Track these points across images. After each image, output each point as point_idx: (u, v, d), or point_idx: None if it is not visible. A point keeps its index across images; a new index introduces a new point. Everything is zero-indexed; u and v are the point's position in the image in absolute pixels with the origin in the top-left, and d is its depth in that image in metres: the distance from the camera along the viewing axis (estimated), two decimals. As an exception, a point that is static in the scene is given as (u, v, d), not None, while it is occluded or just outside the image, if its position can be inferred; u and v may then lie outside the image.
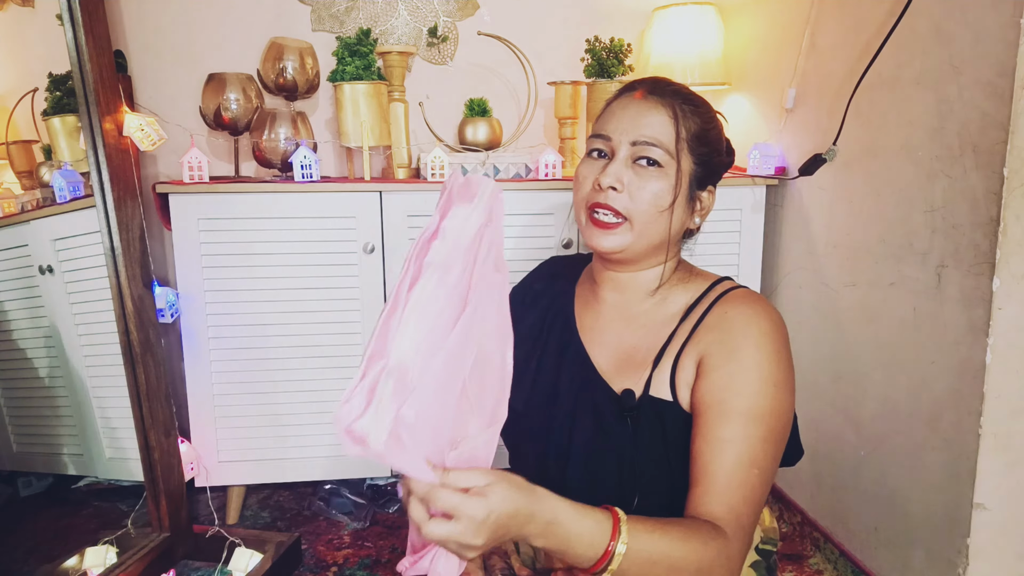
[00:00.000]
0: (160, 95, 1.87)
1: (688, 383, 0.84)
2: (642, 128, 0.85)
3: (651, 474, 0.84)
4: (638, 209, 0.85)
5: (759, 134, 1.76)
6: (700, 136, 0.87)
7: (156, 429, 1.41)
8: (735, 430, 0.78)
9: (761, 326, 0.82)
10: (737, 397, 0.79)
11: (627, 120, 0.86)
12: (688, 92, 0.89)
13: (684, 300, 0.90)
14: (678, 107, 0.86)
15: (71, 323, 1.52)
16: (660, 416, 0.83)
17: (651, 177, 0.85)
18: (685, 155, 0.86)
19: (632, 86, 0.90)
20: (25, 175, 1.51)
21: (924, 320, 1.26)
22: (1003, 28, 1.07)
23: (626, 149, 0.85)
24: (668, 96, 0.86)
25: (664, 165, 0.85)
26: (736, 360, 0.80)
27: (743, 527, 0.77)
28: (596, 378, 0.90)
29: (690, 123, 0.86)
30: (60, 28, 1.25)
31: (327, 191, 1.60)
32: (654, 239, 0.87)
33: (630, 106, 0.87)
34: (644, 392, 0.85)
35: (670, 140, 0.85)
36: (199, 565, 1.56)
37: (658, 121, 0.85)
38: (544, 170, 1.67)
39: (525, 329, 1.01)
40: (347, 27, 1.94)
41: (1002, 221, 1.08)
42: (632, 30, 1.97)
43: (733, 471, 0.77)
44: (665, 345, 0.87)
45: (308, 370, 1.67)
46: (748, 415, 0.78)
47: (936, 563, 1.24)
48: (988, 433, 1.13)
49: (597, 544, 0.69)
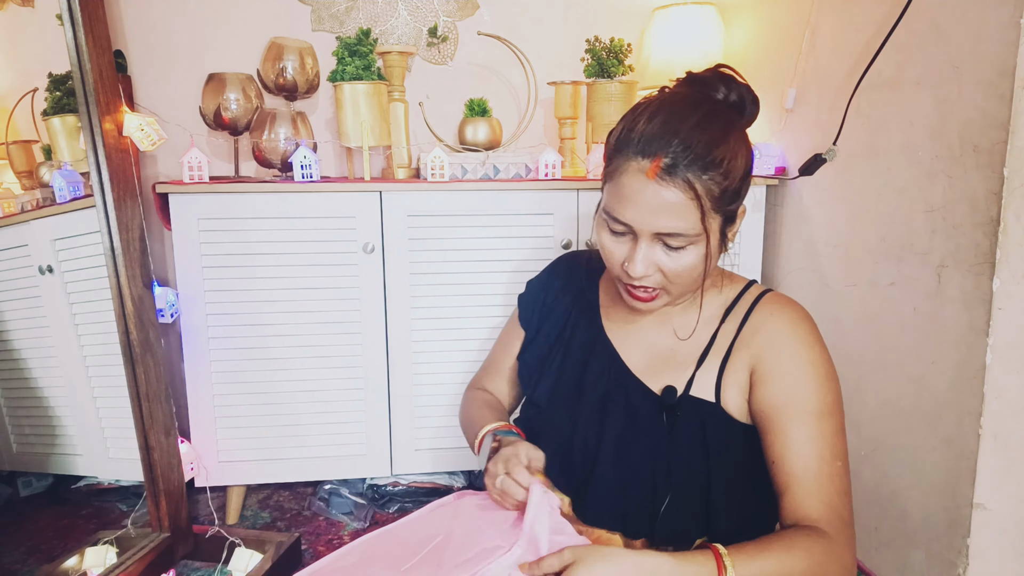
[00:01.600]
0: (160, 95, 1.87)
1: (739, 387, 0.85)
2: (663, 219, 0.78)
3: (685, 473, 0.84)
4: (674, 283, 0.83)
5: (759, 134, 1.76)
6: (724, 194, 0.80)
7: (156, 429, 1.41)
8: (811, 429, 0.79)
9: (806, 326, 0.85)
10: (804, 398, 0.81)
11: (645, 209, 0.79)
12: (706, 143, 0.78)
13: (720, 302, 0.91)
14: (698, 180, 0.77)
15: (71, 323, 1.52)
16: (700, 416, 0.84)
17: (681, 255, 0.81)
18: (713, 219, 0.80)
19: (640, 148, 0.79)
20: (25, 175, 1.51)
21: (924, 320, 1.26)
22: (1003, 28, 1.07)
23: (649, 235, 0.80)
24: (685, 170, 0.77)
25: (694, 241, 0.80)
26: (794, 363, 0.82)
27: (844, 520, 0.78)
28: (628, 375, 0.90)
29: (713, 188, 0.78)
30: (60, 28, 1.25)
31: (327, 191, 1.60)
32: (693, 287, 0.86)
33: (645, 190, 0.78)
34: (685, 391, 0.86)
35: (695, 222, 0.78)
36: (199, 565, 1.56)
37: (677, 209, 0.78)
38: (544, 170, 1.67)
39: (549, 326, 1.02)
40: (347, 27, 1.94)
41: (1002, 221, 1.08)
42: (632, 30, 1.97)
43: (820, 468, 0.78)
44: (708, 346, 0.87)
45: (308, 370, 1.67)
46: (819, 412, 0.80)
47: (936, 563, 1.24)
48: (988, 433, 1.13)
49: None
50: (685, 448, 0.84)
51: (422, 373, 1.70)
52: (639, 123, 0.81)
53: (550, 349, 1.00)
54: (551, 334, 1.01)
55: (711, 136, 0.78)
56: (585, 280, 1.03)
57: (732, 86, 0.85)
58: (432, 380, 1.71)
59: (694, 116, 0.79)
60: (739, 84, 0.85)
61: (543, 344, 1.02)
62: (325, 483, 1.85)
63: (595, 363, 0.94)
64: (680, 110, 0.80)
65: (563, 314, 1.01)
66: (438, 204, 1.63)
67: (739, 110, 0.85)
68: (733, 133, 0.81)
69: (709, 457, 0.83)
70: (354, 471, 1.75)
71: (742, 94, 0.85)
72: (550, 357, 0.99)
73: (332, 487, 1.84)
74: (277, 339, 1.65)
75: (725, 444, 0.83)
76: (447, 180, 1.64)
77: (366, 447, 1.72)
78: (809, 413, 0.80)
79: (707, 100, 0.83)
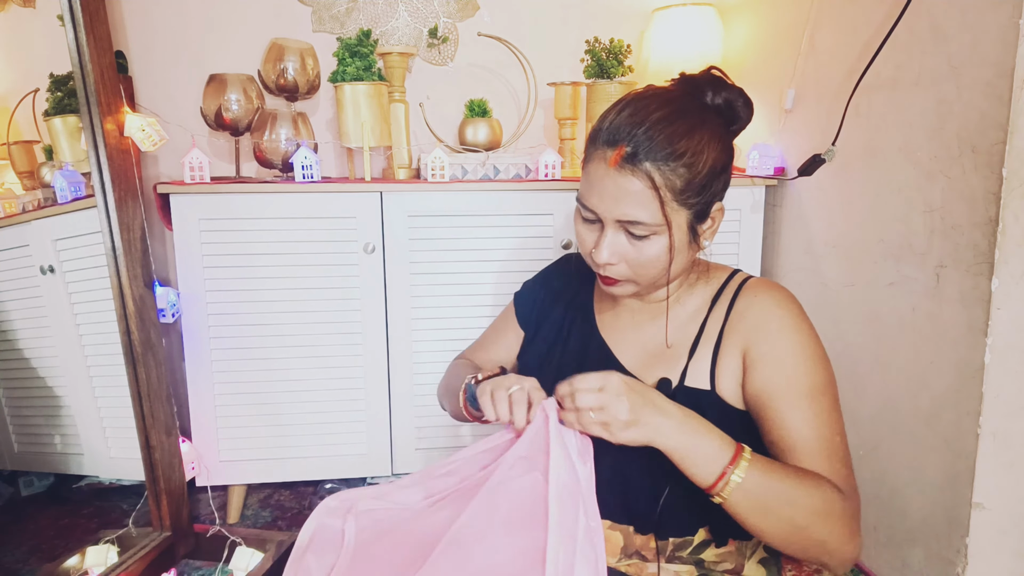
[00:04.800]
0: (161, 96, 1.88)
1: (732, 373, 0.86)
2: (622, 207, 0.81)
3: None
4: (638, 272, 0.86)
5: (758, 135, 1.77)
6: (688, 188, 0.81)
7: (157, 428, 1.41)
8: (807, 409, 0.81)
9: (791, 308, 0.86)
10: (796, 379, 0.82)
11: (607, 196, 0.81)
12: (668, 135, 0.79)
13: (706, 293, 0.92)
14: (657, 171, 0.79)
15: (72, 323, 1.53)
16: (697, 405, 0.85)
17: (645, 244, 0.83)
18: (677, 212, 0.82)
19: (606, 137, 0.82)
20: (26, 175, 1.51)
21: (923, 320, 1.26)
22: (1002, 29, 1.07)
23: (613, 223, 0.83)
24: (645, 159, 0.79)
25: (656, 231, 0.82)
26: (782, 346, 0.83)
27: (851, 486, 0.80)
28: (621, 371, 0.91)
29: (674, 180, 0.80)
30: (61, 28, 1.25)
31: (328, 191, 1.60)
32: (661, 280, 0.88)
33: (606, 178, 0.81)
34: (680, 382, 0.87)
35: (655, 212, 0.80)
36: (200, 564, 1.57)
37: (637, 197, 0.80)
38: (544, 171, 1.67)
39: (547, 326, 1.03)
40: (348, 28, 1.94)
41: (1001, 221, 1.08)
42: (632, 31, 1.97)
43: (822, 445, 0.80)
44: (698, 336, 0.89)
45: (309, 369, 1.67)
46: (812, 392, 0.81)
47: (935, 562, 1.25)
48: (987, 433, 1.14)
49: (715, 465, 0.75)
50: None
51: (422, 372, 1.71)
52: (610, 114, 0.83)
53: (548, 350, 1.01)
54: (549, 335, 1.02)
55: (676, 129, 0.80)
56: (580, 281, 1.04)
57: (719, 89, 0.85)
58: (432, 380, 1.71)
59: (662, 110, 0.81)
60: (728, 87, 0.86)
61: (541, 345, 1.03)
62: (326, 482, 1.85)
63: (590, 363, 0.95)
64: (649, 104, 0.82)
65: (560, 315, 1.03)
66: (438, 204, 1.63)
67: (722, 113, 0.85)
68: (704, 130, 0.81)
69: None
70: (355, 470, 1.76)
71: (730, 98, 0.85)
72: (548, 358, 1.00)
73: (333, 486, 1.84)
74: (278, 339, 1.65)
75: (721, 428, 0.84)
76: (447, 180, 1.64)
77: (367, 446, 1.73)
78: (802, 394, 0.81)
79: (684, 97, 0.84)
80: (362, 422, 1.72)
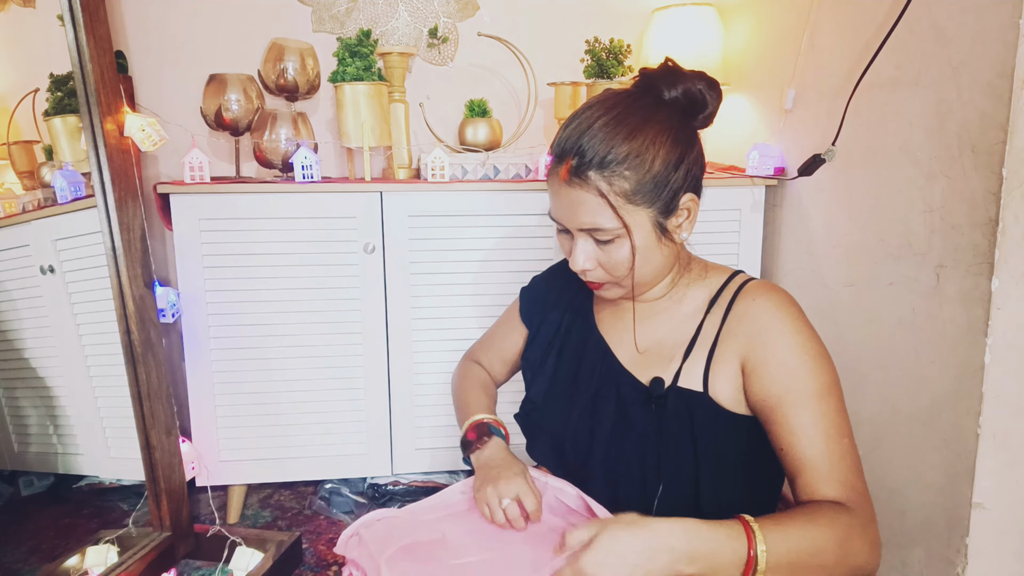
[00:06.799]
0: (161, 96, 1.88)
1: (729, 377, 0.85)
2: (580, 217, 0.83)
3: (675, 463, 0.85)
4: (614, 274, 0.87)
5: (758, 135, 1.77)
6: (639, 189, 0.81)
7: (157, 428, 1.41)
8: (813, 412, 0.80)
9: (790, 310, 0.85)
10: (800, 382, 0.81)
11: (565, 208, 0.84)
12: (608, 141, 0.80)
13: (704, 294, 0.92)
14: (602, 179, 0.80)
15: (72, 323, 1.53)
16: (689, 406, 0.85)
17: (612, 248, 0.84)
18: (635, 213, 0.82)
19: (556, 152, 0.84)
20: (26, 175, 1.51)
21: (923, 320, 1.26)
22: (1002, 29, 1.07)
23: (578, 232, 0.85)
24: (588, 169, 0.80)
25: (619, 234, 0.83)
26: (784, 350, 0.82)
27: (861, 494, 0.79)
28: (619, 369, 0.92)
29: (622, 184, 0.80)
30: (61, 28, 1.25)
31: (328, 191, 1.60)
32: (645, 278, 0.89)
33: (561, 191, 0.84)
34: (673, 382, 0.87)
35: (610, 218, 0.81)
36: (200, 564, 1.57)
37: (590, 207, 0.82)
38: (544, 171, 1.67)
39: (549, 324, 1.03)
40: (348, 28, 1.94)
41: (1001, 221, 1.08)
42: (632, 31, 1.97)
43: (830, 449, 0.79)
44: (695, 338, 0.88)
45: (309, 369, 1.67)
46: (818, 394, 0.81)
47: (935, 562, 1.25)
48: (987, 433, 1.13)
49: (739, 551, 0.70)
50: (674, 438, 0.85)
51: (422, 372, 1.71)
52: (561, 129, 0.85)
53: (548, 346, 1.01)
54: (549, 332, 1.03)
55: (618, 133, 0.80)
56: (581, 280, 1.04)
57: (674, 83, 0.84)
58: (432, 379, 1.71)
59: (606, 116, 0.81)
60: (683, 77, 0.85)
61: (542, 342, 1.03)
62: (326, 482, 1.85)
63: (588, 360, 0.95)
64: (595, 112, 0.82)
65: (561, 313, 1.04)
66: (438, 204, 1.63)
67: (679, 105, 0.85)
68: (648, 128, 0.81)
69: (697, 447, 0.84)
70: (355, 470, 1.76)
71: (688, 88, 0.84)
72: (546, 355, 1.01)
73: (333, 486, 1.84)
74: (278, 338, 1.65)
75: (713, 434, 0.84)
76: (447, 180, 1.64)
77: (366, 446, 1.73)
78: (808, 397, 0.80)
79: (635, 97, 0.84)
80: (362, 422, 1.72)
